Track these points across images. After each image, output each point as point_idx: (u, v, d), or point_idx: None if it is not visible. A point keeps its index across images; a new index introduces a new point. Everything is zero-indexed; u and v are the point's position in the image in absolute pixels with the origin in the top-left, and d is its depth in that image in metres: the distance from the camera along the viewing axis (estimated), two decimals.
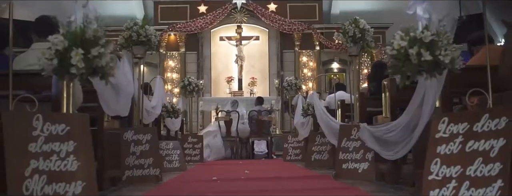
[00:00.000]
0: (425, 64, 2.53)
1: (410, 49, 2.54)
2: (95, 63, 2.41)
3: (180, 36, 15.84)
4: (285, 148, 9.77)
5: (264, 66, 16.19)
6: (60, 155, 2.44)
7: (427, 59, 2.51)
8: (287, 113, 14.49)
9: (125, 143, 4.97)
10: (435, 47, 2.53)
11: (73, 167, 2.45)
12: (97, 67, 2.43)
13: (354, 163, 4.98)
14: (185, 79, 9.97)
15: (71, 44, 2.40)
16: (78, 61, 2.39)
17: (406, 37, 2.56)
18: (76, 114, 2.68)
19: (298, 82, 10.27)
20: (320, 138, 7.24)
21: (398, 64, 2.61)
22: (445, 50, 2.53)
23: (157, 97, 6.58)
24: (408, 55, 2.56)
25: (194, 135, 10.04)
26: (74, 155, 2.47)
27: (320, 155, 7.19)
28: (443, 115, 2.61)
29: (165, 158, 6.94)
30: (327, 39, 15.77)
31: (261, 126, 11.44)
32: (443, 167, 2.52)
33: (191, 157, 9.61)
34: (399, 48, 2.57)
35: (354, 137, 5.01)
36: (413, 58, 2.53)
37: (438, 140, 2.58)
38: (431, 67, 2.54)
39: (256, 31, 16.16)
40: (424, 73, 2.64)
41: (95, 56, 2.40)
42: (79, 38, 2.43)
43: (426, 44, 2.54)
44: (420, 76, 2.65)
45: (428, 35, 2.53)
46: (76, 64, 2.38)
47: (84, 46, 2.41)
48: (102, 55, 2.41)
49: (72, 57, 2.38)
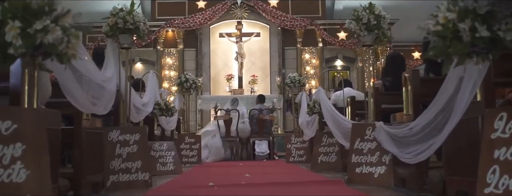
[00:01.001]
0: (480, 42, 1.94)
1: (461, 23, 1.94)
2: (38, 40, 1.81)
3: (178, 32, 15.41)
4: (288, 149, 9.22)
5: (265, 63, 15.76)
6: (3, 161, 1.86)
7: (484, 35, 1.91)
8: (289, 112, 13.96)
9: (110, 144, 4.38)
10: (493, 20, 1.93)
11: (20, 178, 1.86)
12: (45, 45, 1.83)
13: (369, 166, 4.39)
14: (181, 76, 9.38)
15: (9, 16, 1.81)
16: (13, 37, 1.80)
17: (455, 8, 1.96)
18: (28, 108, 2.09)
19: (302, 78, 9.67)
20: (327, 138, 6.66)
21: (443, 44, 2.01)
22: (505, 24, 1.93)
23: (149, 93, 6.00)
24: (457, 31, 1.96)
25: (191, 135, 9.45)
26: (21, 161, 1.88)
27: (327, 157, 6.61)
28: (499, 110, 2.01)
29: (158, 160, 6.36)
30: (330, 35, 15.41)
31: (262, 125, 10.86)
32: (504, 177, 1.92)
33: (188, 158, 9.05)
34: (445, 21, 1.98)
35: (369, 137, 4.43)
36: (465, 35, 1.93)
37: (495, 141, 1.98)
38: (488, 46, 1.94)
39: (257, 27, 15.74)
40: (474, 56, 2.03)
41: (38, 31, 1.80)
42: (21, 8, 1.83)
43: (482, 16, 1.94)
44: (469, 60, 2.05)
45: (484, 5, 1.93)
46: (11, 41, 1.78)
47: (26, 19, 1.82)
48: (48, 29, 1.81)
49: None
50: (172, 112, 6.59)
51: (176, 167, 6.42)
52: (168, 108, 6.47)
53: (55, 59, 1.94)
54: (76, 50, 1.94)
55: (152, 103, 6.02)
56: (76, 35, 1.93)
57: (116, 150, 4.39)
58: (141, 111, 5.50)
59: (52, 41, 1.82)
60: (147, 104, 5.75)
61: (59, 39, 1.84)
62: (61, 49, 1.86)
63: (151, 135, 6.87)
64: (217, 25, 15.63)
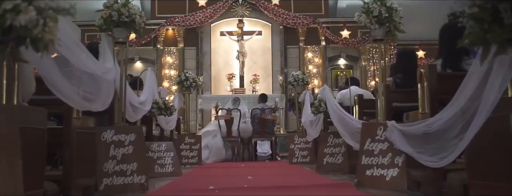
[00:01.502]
0: None
1: (502, 3, 1.66)
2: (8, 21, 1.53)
3: (178, 30, 15.16)
4: (291, 150, 8.93)
5: (267, 62, 15.54)
6: None
7: None
8: (292, 112, 13.69)
9: (103, 145, 4.10)
10: None
11: None
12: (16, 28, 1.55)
13: (381, 169, 4.10)
14: (181, 74, 9.09)
15: None
16: None
17: None
18: None
19: (305, 77, 9.37)
20: (333, 138, 6.37)
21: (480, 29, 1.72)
22: None
23: (147, 91, 5.72)
24: (497, 12, 1.67)
25: (191, 135, 9.17)
26: None
27: (333, 158, 6.32)
28: None
29: (157, 161, 6.08)
30: (333, 33, 15.19)
31: (265, 125, 10.56)
32: None
33: (188, 159, 8.77)
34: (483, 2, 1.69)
35: (380, 137, 4.14)
36: (507, 16, 1.65)
37: None
38: None
39: (259, 26, 15.50)
40: None
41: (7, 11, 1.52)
42: None
43: None
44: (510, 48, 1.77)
45: None
46: None
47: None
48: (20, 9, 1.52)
49: None
50: (171, 111, 6.31)
51: (175, 168, 6.14)
52: (167, 107, 6.19)
53: (30, 46, 1.65)
54: (54, 35, 1.65)
55: (150, 101, 5.73)
56: (54, 18, 1.64)
57: (110, 151, 4.11)
58: (138, 110, 5.22)
59: (25, 24, 1.54)
60: (144, 103, 5.46)
61: (33, 21, 1.55)
62: (36, 34, 1.58)
63: (149, 135, 6.61)
64: (218, 23, 15.39)
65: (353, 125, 5.21)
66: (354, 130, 5.23)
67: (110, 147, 4.11)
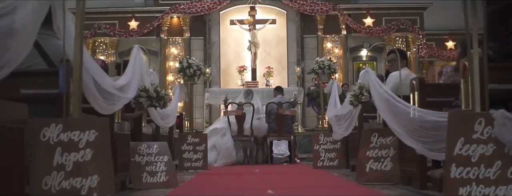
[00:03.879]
0: None
1: None
2: None
3: (184, 19, 14.20)
4: (315, 151, 7.45)
5: (282, 53, 14.51)
6: None
7: None
8: (311, 107, 12.23)
9: (44, 148, 2.60)
10: None
11: None
12: None
13: (484, 186, 2.57)
14: (183, 60, 7.57)
15: None
16: None
17: None
18: None
19: (332, 63, 7.80)
20: (378, 138, 4.81)
21: None
22: None
23: (130, 73, 4.21)
24: None
25: (195, 134, 7.68)
26: None
27: (379, 164, 4.76)
28: None
29: (145, 168, 4.58)
30: (355, 21, 14.15)
31: (282, 122, 9.04)
32: None
33: (192, 163, 7.31)
34: None
35: (481, 135, 2.61)
36: None
37: None
38: None
39: (273, 14, 14.53)
40: None
41: None
42: None
43: None
44: None
45: None
46: None
47: None
48: None
49: None
50: (165, 102, 4.78)
51: (169, 177, 4.62)
52: (159, 96, 4.67)
53: None
54: None
55: (134, 87, 4.22)
56: None
57: (55, 157, 2.60)
58: (116, 98, 3.71)
59: None
60: (125, 88, 3.95)
61: None
62: None
63: (138, 133, 5.11)
64: (228, 10, 14.45)
65: (415, 119, 3.68)
66: (414, 126, 3.72)
67: (55, 151, 2.60)
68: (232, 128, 8.92)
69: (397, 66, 5.18)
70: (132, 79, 4.32)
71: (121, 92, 3.95)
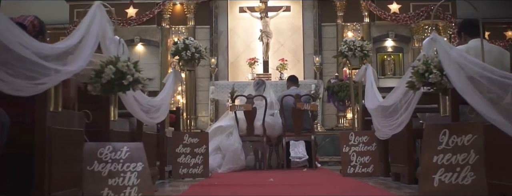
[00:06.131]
0: None
1: None
2: None
3: (188, 5, 13.15)
4: (344, 154, 5.99)
5: (297, 44, 13.38)
6: None
7: None
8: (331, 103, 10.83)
9: None
10: None
11: None
12: None
13: None
14: (179, 42, 6.10)
15: None
16: None
17: None
18: None
19: (365, 44, 6.28)
20: (449, 136, 3.28)
21: None
22: None
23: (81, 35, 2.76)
24: None
25: (194, 134, 6.23)
26: None
27: (453, 175, 3.23)
28: None
29: (107, 181, 3.09)
30: (379, 8, 12.85)
31: (300, 118, 7.60)
32: None
33: (189, 169, 5.89)
34: None
35: None
36: None
37: None
38: None
39: (287, 0, 13.40)
40: None
41: None
42: None
43: None
44: None
45: None
46: None
47: None
48: None
49: None
50: (139, 82, 3.30)
51: (143, 195, 3.14)
52: (130, 69, 3.18)
53: None
54: None
55: (86, 56, 2.75)
56: None
57: None
58: (43, 70, 2.25)
59: None
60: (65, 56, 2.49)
61: None
62: None
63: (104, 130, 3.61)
64: None
65: None
66: None
67: None
68: (240, 126, 7.55)
69: None
70: (86, 46, 2.86)
71: (58, 61, 2.49)
